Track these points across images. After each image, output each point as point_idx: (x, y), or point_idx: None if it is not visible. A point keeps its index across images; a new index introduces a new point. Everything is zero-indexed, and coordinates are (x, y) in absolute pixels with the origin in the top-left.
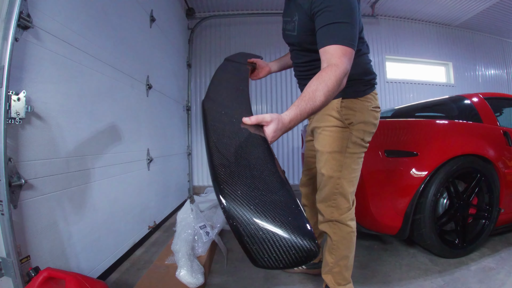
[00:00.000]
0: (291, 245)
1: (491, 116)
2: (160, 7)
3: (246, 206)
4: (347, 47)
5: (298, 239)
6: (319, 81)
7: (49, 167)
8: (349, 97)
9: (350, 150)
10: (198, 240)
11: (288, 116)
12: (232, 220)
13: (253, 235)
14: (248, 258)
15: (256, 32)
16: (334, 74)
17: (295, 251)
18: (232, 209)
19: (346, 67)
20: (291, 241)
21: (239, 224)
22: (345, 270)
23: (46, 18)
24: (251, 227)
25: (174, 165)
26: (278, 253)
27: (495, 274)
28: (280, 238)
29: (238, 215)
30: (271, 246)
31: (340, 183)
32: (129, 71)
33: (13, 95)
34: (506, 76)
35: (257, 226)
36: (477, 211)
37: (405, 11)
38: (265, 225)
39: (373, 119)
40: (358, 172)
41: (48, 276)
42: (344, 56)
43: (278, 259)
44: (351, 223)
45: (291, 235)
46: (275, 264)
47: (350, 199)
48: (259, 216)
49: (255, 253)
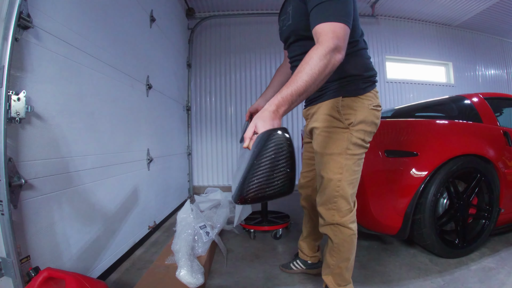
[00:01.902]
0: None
1: (491, 116)
2: (160, 7)
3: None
4: (336, 22)
5: None
6: (302, 62)
7: (49, 167)
8: (349, 96)
9: (351, 151)
10: (198, 240)
11: (268, 103)
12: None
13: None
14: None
15: (256, 32)
16: (316, 52)
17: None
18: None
19: (332, 42)
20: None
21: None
22: (345, 272)
23: (46, 18)
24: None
25: (174, 165)
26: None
27: (495, 274)
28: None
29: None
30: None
31: (341, 186)
32: (129, 71)
33: (13, 95)
34: (506, 76)
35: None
36: (477, 211)
37: (405, 11)
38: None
39: (374, 119)
40: (359, 174)
41: (48, 276)
42: (332, 32)
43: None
44: (352, 225)
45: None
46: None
47: (351, 201)
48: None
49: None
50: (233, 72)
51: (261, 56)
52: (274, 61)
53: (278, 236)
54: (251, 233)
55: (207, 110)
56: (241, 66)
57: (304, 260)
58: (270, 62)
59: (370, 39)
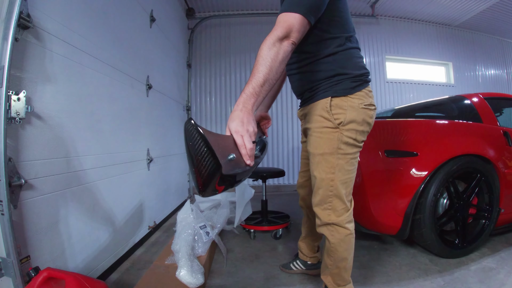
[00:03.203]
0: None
1: (491, 116)
2: (160, 7)
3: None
4: (290, 13)
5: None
6: (257, 55)
7: (49, 167)
8: (338, 95)
9: (342, 151)
10: (198, 240)
11: (236, 105)
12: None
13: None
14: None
15: (256, 32)
16: (265, 43)
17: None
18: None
19: (280, 31)
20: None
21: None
22: (344, 272)
23: (46, 18)
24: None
25: (174, 165)
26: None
27: (495, 274)
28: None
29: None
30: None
31: (334, 185)
32: (129, 71)
33: (13, 95)
34: (506, 76)
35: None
36: (477, 211)
37: (405, 11)
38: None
39: (366, 118)
40: (352, 173)
41: (48, 276)
42: (284, 21)
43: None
44: (349, 225)
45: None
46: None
47: (346, 201)
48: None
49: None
50: (233, 72)
51: None
52: None
53: (278, 236)
54: (251, 233)
55: (207, 110)
56: (241, 66)
57: (303, 261)
58: None
59: (370, 39)
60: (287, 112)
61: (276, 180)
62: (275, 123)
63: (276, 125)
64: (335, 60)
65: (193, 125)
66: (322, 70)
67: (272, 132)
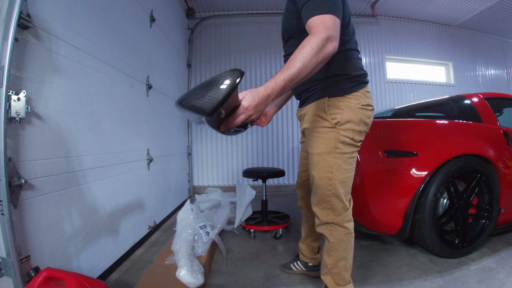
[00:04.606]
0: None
1: (491, 116)
2: (160, 7)
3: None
4: (324, 14)
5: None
6: (296, 50)
7: (49, 167)
8: (335, 96)
9: (339, 150)
10: (198, 240)
11: (263, 86)
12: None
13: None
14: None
15: (256, 32)
16: (308, 42)
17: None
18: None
19: (324, 32)
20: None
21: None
22: (344, 271)
23: (46, 18)
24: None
25: (174, 165)
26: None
27: (495, 274)
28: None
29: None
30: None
31: (332, 184)
32: (129, 71)
33: (13, 95)
34: (506, 76)
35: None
36: (477, 211)
37: (405, 11)
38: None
39: (364, 118)
40: (351, 173)
41: (48, 276)
42: (322, 23)
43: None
44: (348, 224)
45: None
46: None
47: (345, 200)
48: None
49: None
50: None
51: (261, 56)
52: (274, 61)
53: (278, 236)
54: (251, 233)
55: None
56: (241, 66)
57: (304, 262)
58: (270, 62)
59: (370, 39)
60: (287, 112)
61: (276, 180)
62: (275, 123)
63: (276, 125)
64: (333, 60)
65: (236, 82)
66: (320, 71)
67: (272, 132)
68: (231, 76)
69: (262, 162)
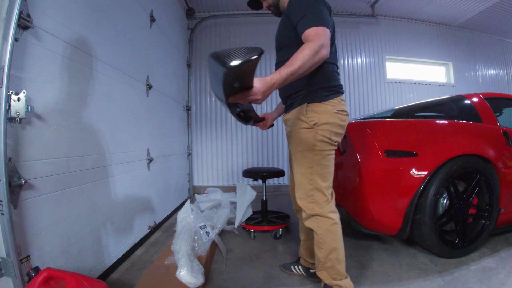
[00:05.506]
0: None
1: (491, 116)
2: (160, 7)
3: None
4: (318, 26)
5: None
6: (297, 52)
7: (49, 167)
8: (313, 102)
9: (318, 147)
10: (198, 240)
11: (269, 77)
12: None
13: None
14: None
15: (256, 32)
16: (308, 46)
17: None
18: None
19: (320, 40)
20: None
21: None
22: (337, 263)
23: (46, 18)
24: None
25: (174, 165)
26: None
27: (495, 274)
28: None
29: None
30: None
31: (314, 179)
32: (129, 71)
33: (13, 95)
34: (506, 76)
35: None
36: (477, 211)
37: (405, 11)
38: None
39: (338, 121)
40: (330, 168)
41: (48, 276)
42: (317, 34)
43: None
44: (332, 215)
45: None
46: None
47: (327, 194)
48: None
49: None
50: None
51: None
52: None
53: (278, 236)
54: (251, 233)
55: (207, 110)
56: None
57: (306, 268)
58: (270, 62)
59: (370, 39)
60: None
61: (276, 180)
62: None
63: (276, 125)
64: (315, 73)
65: (257, 59)
66: (302, 80)
67: (272, 132)
68: (257, 52)
69: (262, 162)
